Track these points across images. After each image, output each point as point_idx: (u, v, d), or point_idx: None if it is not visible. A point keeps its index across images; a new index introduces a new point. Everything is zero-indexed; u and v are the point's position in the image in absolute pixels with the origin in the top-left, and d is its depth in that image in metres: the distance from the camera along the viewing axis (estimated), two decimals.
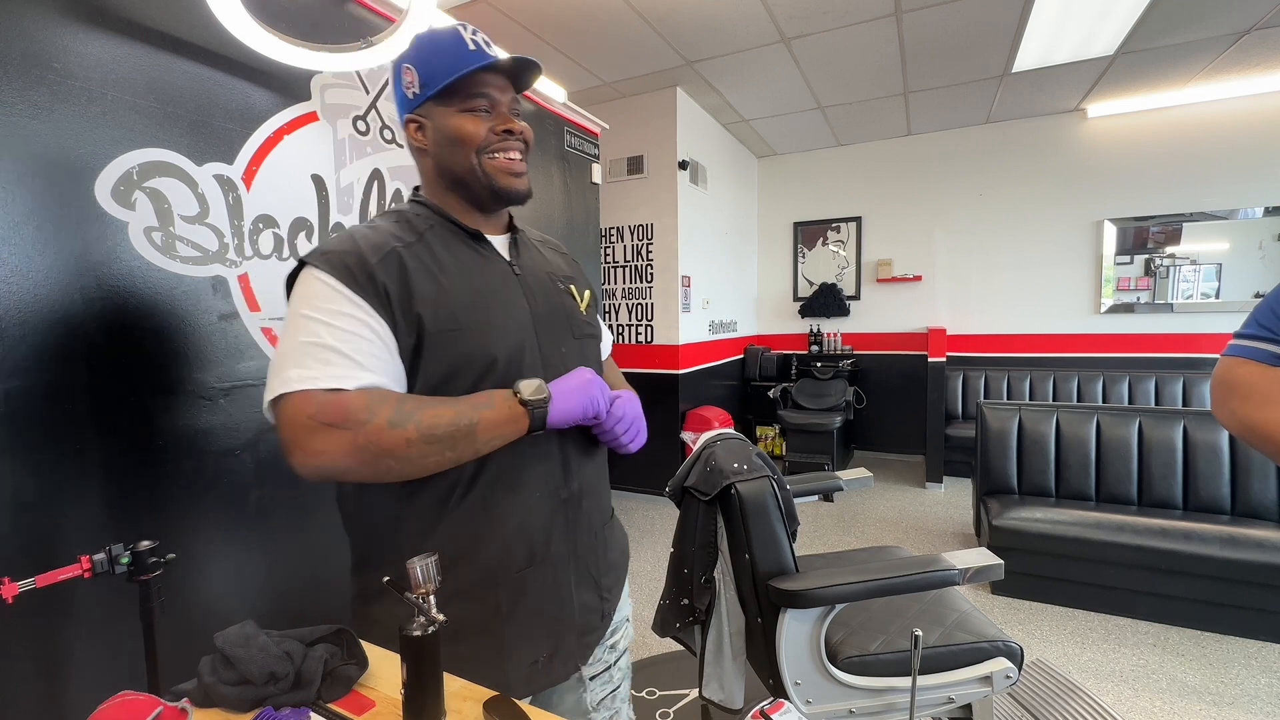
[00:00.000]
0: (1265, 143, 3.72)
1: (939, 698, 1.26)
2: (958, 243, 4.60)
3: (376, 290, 0.68)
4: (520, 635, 0.76)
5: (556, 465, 0.79)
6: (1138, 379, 3.82)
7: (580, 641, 0.82)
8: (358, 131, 1.59)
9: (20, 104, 0.98)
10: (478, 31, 0.76)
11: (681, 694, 1.88)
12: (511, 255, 0.82)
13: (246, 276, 1.33)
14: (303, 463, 0.63)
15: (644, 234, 3.95)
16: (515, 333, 0.76)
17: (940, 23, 2.91)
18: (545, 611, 0.78)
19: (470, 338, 0.72)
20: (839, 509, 3.66)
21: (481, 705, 0.62)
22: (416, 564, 0.57)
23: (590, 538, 0.84)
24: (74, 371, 1.05)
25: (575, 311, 0.86)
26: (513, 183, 0.77)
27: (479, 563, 0.73)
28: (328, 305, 0.66)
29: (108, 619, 1.07)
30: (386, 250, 0.70)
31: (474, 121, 0.75)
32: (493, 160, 0.76)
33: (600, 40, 3.03)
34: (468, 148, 0.75)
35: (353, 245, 0.70)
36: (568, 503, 0.80)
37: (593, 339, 0.89)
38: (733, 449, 1.31)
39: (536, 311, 0.80)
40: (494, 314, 0.75)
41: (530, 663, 0.76)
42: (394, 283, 0.69)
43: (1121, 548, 2.27)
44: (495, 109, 0.76)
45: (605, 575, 0.86)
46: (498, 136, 0.76)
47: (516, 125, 0.77)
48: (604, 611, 0.86)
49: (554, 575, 0.78)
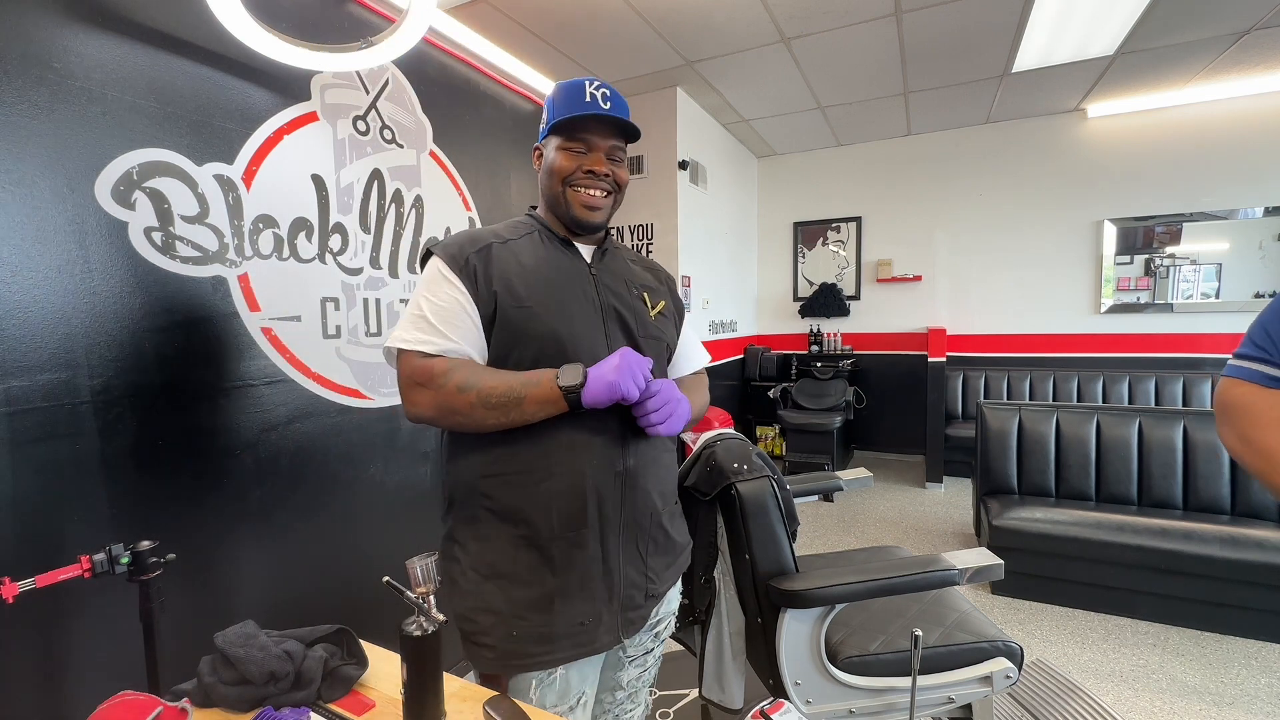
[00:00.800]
0: (1265, 143, 3.71)
1: (939, 698, 1.26)
2: (958, 243, 4.60)
3: (468, 270, 0.84)
4: (569, 592, 0.84)
5: (614, 439, 0.87)
6: (1138, 379, 3.82)
7: (624, 616, 0.89)
8: (358, 131, 1.59)
9: (20, 104, 0.98)
10: (604, 85, 0.89)
11: (681, 694, 1.88)
12: (595, 260, 0.95)
13: (246, 276, 1.33)
14: (406, 410, 0.83)
15: (644, 234, 3.95)
16: (580, 319, 0.87)
17: (940, 23, 2.91)
18: (592, 574, 0.85)
19: (536, 314, 0.84)
20: (839, 509, 3.66)
21: (482, 705, 0.62)
22: (416, 564, 0.57)
23: (644, 519, 0.91)
24: (74, 371, 1.05)
25: (643, 314, 0.96)
26: (586, 214, 0.90)
27: (538, 515, 0.83)
28: (434, 284, 0.84)
29: (108, 619, 1.07)
30: (484, 243, 0.87)
31: (568, 157, 0.88)
32: (575, 192, 0.89)
33: (600, 40, 3.03)
34: (557, 177, 0.89)
35: (461, 238, 0.88)
36: (623, 476, 0.87)
37: (657, 340, 0.97)
38: (733, 449, 1.31)
39: (603, 305, 0.91)
40: (561, 299, 0.87)
41: (577, 622, 0.84)
42: (481, 265, 0.84)
43: (1121, 548, 2.27)
44: (591, 150, 0.89)
45: (653, 557, 0.93)
46: (584, 174, 0.88)
47: (603, 168, 0.89)
48: (648, 591, 0.92)
49: (603, 542, 0.86)
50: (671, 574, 0.97)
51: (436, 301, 0.83)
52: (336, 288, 1.54)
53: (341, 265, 1.55)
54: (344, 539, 1.55)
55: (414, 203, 1.76)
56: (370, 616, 1.36)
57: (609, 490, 0.86)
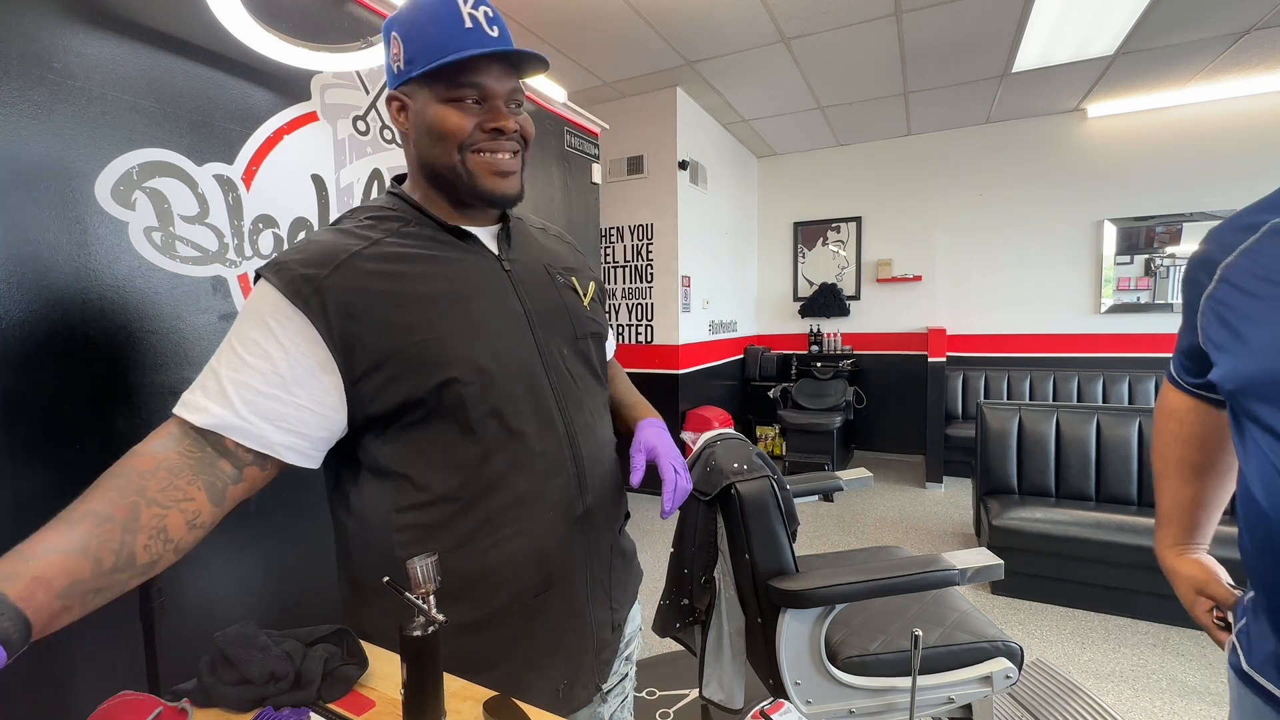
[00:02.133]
0: (1265, 143, 3.71)
1: (939, 698, 1.26)
2: (958, 243, 4.60)
3: (315, 305, 0.59)
4: (539, 663, 0.71)
5: (571, 479, 0.71)
6: (1138, 379, 3.81)
7: (598, 660, 0.78)
8: (358, 131, 1.59)
9: (20, 104, 0.98)
10: (481, 4, 0.64)
11: (681, 694, 1.88)
12: (502, 249, 0.74)
13: (246, 276, 1.33)
14: None
15: (644, 234, 3.95)
16: (505, 336, 0.68)
17: (940, 23, 2.91)
18: (563, 638, 0.72)
19: (441, 347, 0.63)
20: (839, 509, 3.66)
21: (481, 705, 0.62)
22: (416, 564, 0.57)
23: (606, 554, 0.78)
24: (74, 371, 1.05)
25: (578, 307, 0.78)
26: (499, 184, 0.68)
27: (488, 592, 0.67)
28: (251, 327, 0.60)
29: (108, 619, 1.07)
30: (339, 257, 0.62)
31: (460, 115, 0.65)
32: (478, 157, 0.67)
33: (600, 40, 3.03)
34: (449, 143, 0.65)
35: (306, 251, 0.63)
36: (583, 519, 0.73)
37: (597, 336, 0.81)
38: (733, 449, 1.31)
39: (532, 310, 0.72)
40: (472, 317, 0.66)
41: (552, 691, 0.71)
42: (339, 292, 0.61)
43: (1121, 548, 2.26)
44: (488, 100, 0.66)
45: (617, 588, 0.81)
46: (486, 134, 0.66)
47: (510, 123, 0.66)
48: (614, 623, 0.81)
49: (572, 598, 0.73)
50: (630, 593, 0.86)
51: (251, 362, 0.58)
52: None
53: None
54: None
55: None
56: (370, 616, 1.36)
57: (572, 539, 0.71)
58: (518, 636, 0.69)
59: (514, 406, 0.67)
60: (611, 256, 4.10)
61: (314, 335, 0.60)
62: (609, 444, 0.80)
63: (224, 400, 0.57)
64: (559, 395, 0.72)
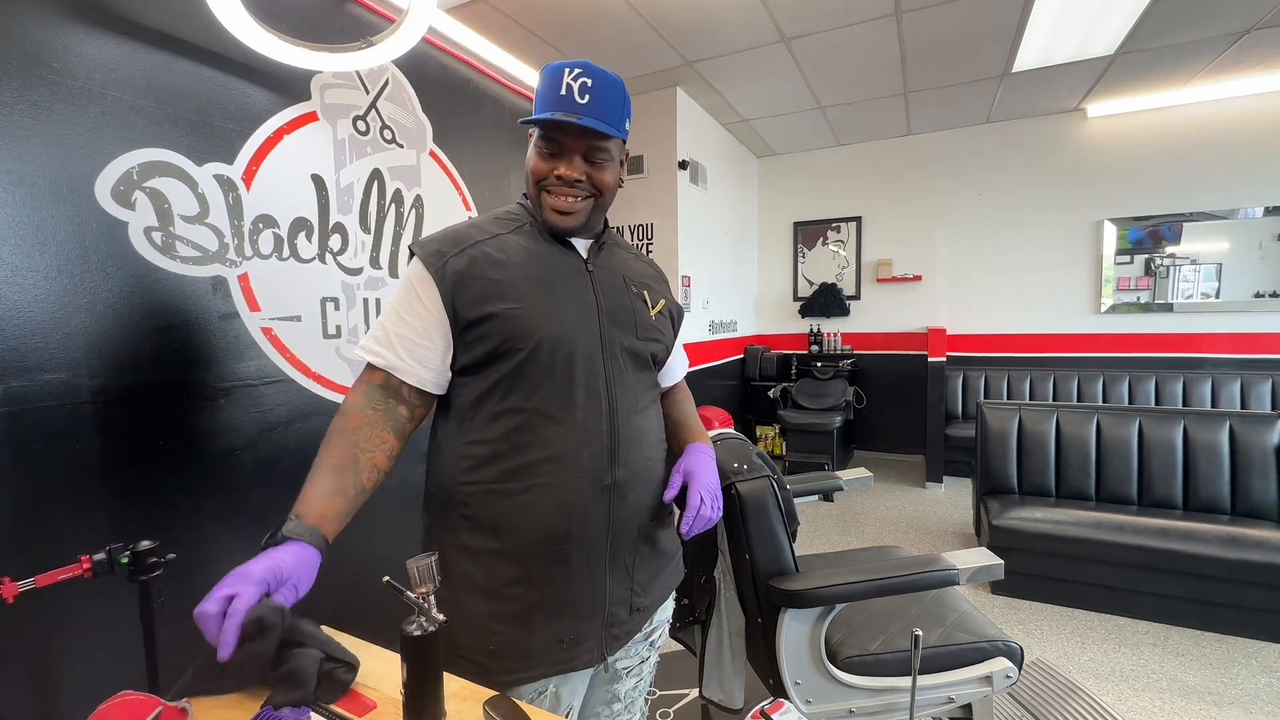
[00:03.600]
0: (1265, 143, 3.71)
1: (939, 698, 1.26)
2: (958, 243, 4.60)
3: (446, 276, 0.80)
4: (549, 608, 0.80)
5: (604, 450, 0.82)
6: (1138, 379, 3.82)
7: (608, 632, 0.85)
8: (358, 131, 1.59)
9: (20, 104, 0.98)
10: (586, 73, 0.80)
11: (681, 694, 1.88)
12: (591, 256, 0.90)
13: (246, 276, 1.33)
14: None
15: (644, 234, 3.95)
16: (575, 318, 0.83)
17: (940, 23, 2.91)
18: (575, 593, 0.82)
19: (525, 318, 0.79)
20: (839, 509, 3.66)
21: (482, 705, 0.62)
22: (416, 564, 0.57)
23: (631, 533, 0.86)
24: (74, 371, 1.05)
25: (644, 314, 0.92)
26: (557, 219, 0.85)
27: (518, 528, 0.79)
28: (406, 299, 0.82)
29: (108, 619, 1.07)
30: (468, 242, 0.83)
31: (538, 159, 0.83)
32: (547, 196, 0.84)
33: (600, 40, 3.03)
34: (533, 178, 0.84)
35: (444, 236, 0.85)
36: (610, 490, 0.82)
37: (656, 342, 0.93)
38: (733, 449, 1.31)
39: (603, 305, 0.87)
40: (555, 300, 0.83)
41: (556, 639, 0.81)
42: (462, 268, 0.80)
43: (1121, 548, 2.27)
44: (564, 153, 0.82)
45: (640, 570, 0.89)
46: (554, 180, 0.83)
47: (575, 173, 0.82)
48: (633, 605, 0.88)
49: (587, 558, 0.82)
50: (660, 584, 0.94)
51: (406, 319, 0.81)
52: (337, 288, 1.54)
53: (342, 265, 1.55)
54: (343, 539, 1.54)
55: (414, 203, 1.76)
56: (370, 616, 1.36)
57: (595, 505, 0.81)
58: (534, 578, 0.80)
59: (569, 375, 0.81)
60: None
61: (437, 295, 0.80)
62: (650, 433, 0.91)
63: (390, 347, 0.80)
64: (609, 377, 0.84)
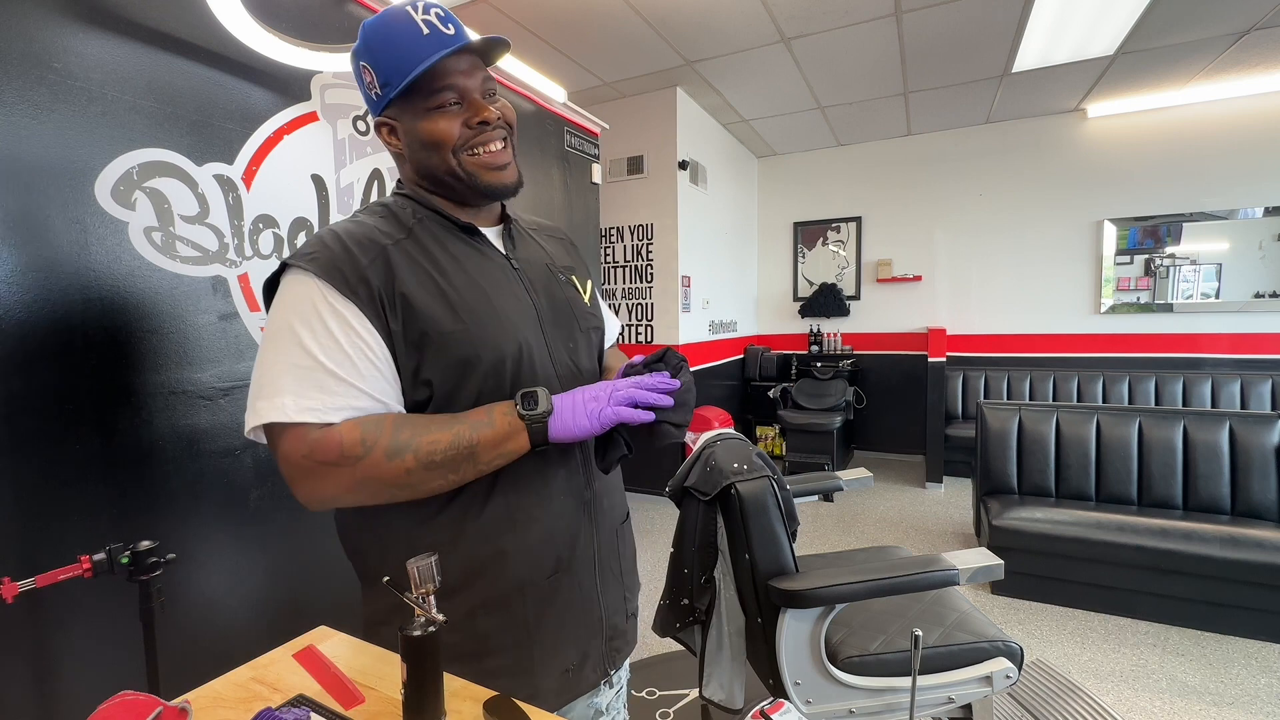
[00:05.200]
0: (1265, 143, 3.71)
1: (939, 698, 1.26)
2: (958, 243, 4.60)
3: (371, 295, 0.63)
4: (550, 644, 0.74)
5: (578, 466, 0.76)
6: (1138, 379, 3.82)
7: (609, 645, 0.81)
8: (358, 131, 1.59)
9: (20, 104, 0.98)
10: (430, 7, 0.67)
11: (681, 694, 1.88)
12: (507, 248, 0.77)
13: (246, 276, 1.33)
14: (306, 499, 0.63)
15: (644, 234, 3.95)
16: (521, 330, 0.71)
17: (940, 23, 2.91)
18: (574, 618, 0.76)
19: (473, 338, 0.67)
20: (839, 509, 3.66)
21: (481, 705, 0.62)
22: (416, 564, 0.57)
23: (611, 538, 0.82)
24: (74, 371, 1.05)
25: (579, 303, 0.82)
26: (498, 176, 0.72)
27: (505, 574, 0.70)
28: (318, 315, 0.62)
29: (108, 619, 1.07)
30: (376, 249, 0.66)
31: (445, 120, 0.68)
32: (473, 156, 0.70)
33: (600, 40, 3.03)
34: (444, 149, 0.69)
35: (340, 245, 0.65)
36: (590, 504, 0.77)
37: (598, 330, 0.85)
38: (733, 449, 1.31)
39: (541, 306, 0.75)
40: (497, 312, 0.70)
41: (561, 671, 0.75)
42: (381, 280, 0.64)
43: (1121, 548, 2.27)
44: (466, 98, 0.69)
45: (628, 574, 0.85)
46: (474, 130, 0.69)
47: (491, 112, 0.69)
48: (628, 612, 0.85)
49: (580, 580, 0.76)
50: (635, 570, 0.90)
51: (332, 343, 0.61)
52: None
53: None
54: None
55: None
56: None
57: (579, 525, 0.76)
58: (531, 617, 0.72)
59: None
60: (611, 256, 4.10)
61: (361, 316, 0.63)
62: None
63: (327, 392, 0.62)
64: (564, 386, 0.74)
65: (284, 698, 0.68)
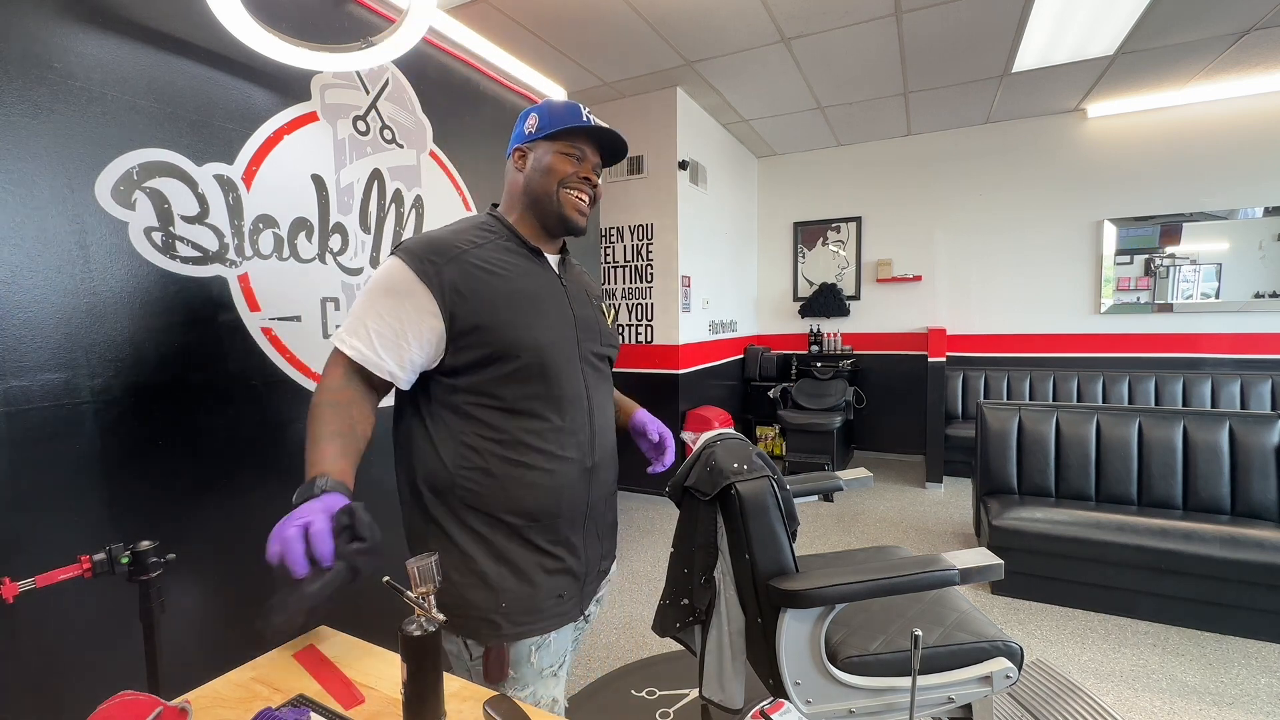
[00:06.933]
0: (1265, 143, 3.71)
1: (939, 698, 1.26)
2: (958, 243, 4.60)
3: (437, 281, 0.86)
4: (546, 569, 0.94)
5: (586, 439, 0.96)
6: (1138, 379, 3.82)
7: (586, 588, 1.01)
8: (358, 131, 1.59)
9: (20, 104, 0.98)
10: (593, 115, 0.97)
11: (681, 694, 1.88)
12: (560, 271, 1.01)
13: (246, 276, 1.33)
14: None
15: (644, 234, 3.95)
16: (558, 329, 0.94)
17: (940, 23, 2.91)
18: (564, 556, 0.96)
19: (518, 330, 0.89)
20: (839, 509, 3.66)
21: (481, 705, 0.62)
22: (416, 564, 0.57)
23: (601, 504, 1.01)
24: (74, 371, 1.05)
25: (604, 323, 1.07)
26: (576, 217, 0.97)
27: (519, 506, 0.91)
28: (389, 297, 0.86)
29: (108, 619, 1.07)
30: (454, 251, 0.89)
31: (566, 161, 0.95)
32: (567, 194, 0.96)
33: (600, 40, 3.03)
34: (553, 177, 0.95)
35: (428, 243, 0.89)
36: (591, 471, 0.97)
37: (613, 348, 1.08)
38: (733, 449, 1.31)
39: (577, 316, 0.99)
40: (542, 312, 0.93)
41: (555, 595, 0.94)
42: (453, 275, 0.87)
43: (1121, 548, 2.26)
44: (585, 160, 0.97)
45: (606, 537, 1.06)
46: (578, 179, 0.96)
47: (595, 176, 0.99)
48: (603, 568, 1.05)
49: (572, 528, 0.96)
50: (613, 538, 1.10)
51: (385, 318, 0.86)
52: (337, 288, 1.54)
53: (342, 265, 1.55)
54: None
55: (414, 203, 1.77)
56: (370, 616, 1.36)
57: (579, 485, 0.95)
58: (533, 544, 0.93)
59: (557, 380, 0.92)
60: (611, 256, 4.10)
61: (432, 302, 0.86)
62: (612, 422, 1.06)
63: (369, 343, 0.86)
64: (587, 380, 0.98)
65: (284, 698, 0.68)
